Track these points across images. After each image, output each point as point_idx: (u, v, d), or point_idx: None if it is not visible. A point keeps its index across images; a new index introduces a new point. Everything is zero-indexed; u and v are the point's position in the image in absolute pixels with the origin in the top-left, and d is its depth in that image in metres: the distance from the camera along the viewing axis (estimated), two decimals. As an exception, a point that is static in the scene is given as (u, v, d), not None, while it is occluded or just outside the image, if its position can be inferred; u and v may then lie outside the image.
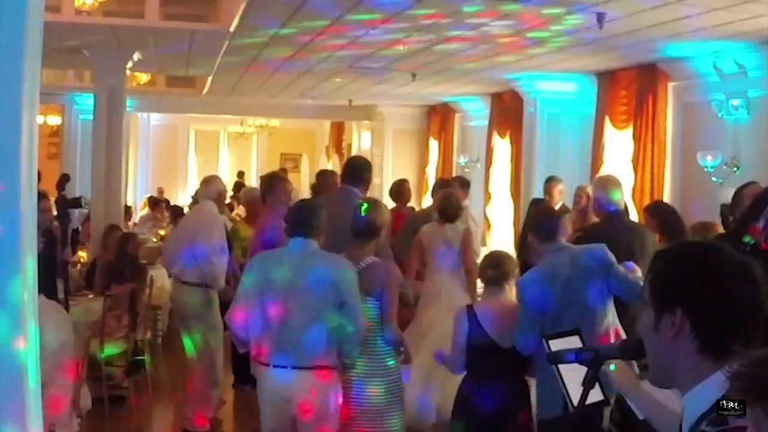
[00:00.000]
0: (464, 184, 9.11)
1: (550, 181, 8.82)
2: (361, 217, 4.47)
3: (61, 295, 7.43)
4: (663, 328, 1.65)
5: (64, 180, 6.26)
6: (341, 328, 4.16)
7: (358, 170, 5.74)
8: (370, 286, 4.33)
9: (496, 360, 4.48)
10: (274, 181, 6.77)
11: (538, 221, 4.77)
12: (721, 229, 5.86)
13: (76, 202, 6.76)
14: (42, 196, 7.02)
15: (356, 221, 4.49)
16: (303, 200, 5.22)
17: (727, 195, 6.59)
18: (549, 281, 4.40)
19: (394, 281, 4.43)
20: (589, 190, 8.29)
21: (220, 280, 6.53)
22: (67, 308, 6.49)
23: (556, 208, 8.47)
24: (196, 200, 8.59)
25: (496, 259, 4.73)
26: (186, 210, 14.89)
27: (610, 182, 5.81)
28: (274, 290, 4.23)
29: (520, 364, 4.51)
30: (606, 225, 5.52)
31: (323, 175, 8.35)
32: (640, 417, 2.41)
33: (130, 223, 13.30)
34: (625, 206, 6.48)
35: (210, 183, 7.03)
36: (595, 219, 6.23)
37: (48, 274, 6.62)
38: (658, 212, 6.13)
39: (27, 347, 2.38)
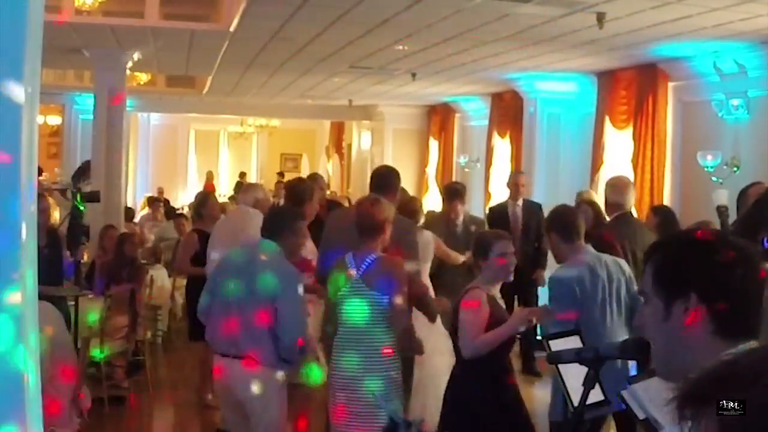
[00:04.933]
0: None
1: (519, 174, 9.17)
2: (363, 215, 4.48)
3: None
4: (674, 316, 1.64)
5: (80, 173, 6.21)
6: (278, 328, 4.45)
7: (385, 178, 5.66)
8: (374, 280, 4.37)
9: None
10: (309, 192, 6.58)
11: (562, 220, 4.72)
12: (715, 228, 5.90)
13: (94, 196, 6.64)
14: (40, 196, 7.00)
15: (358, 219, 4.50)
16: (282, 206, 5.46)
17: (721, 196, 6.63)
18: (586, 280, 4.44)
19: (400, 273, 4.44)
20: (586, 196, 8.39)
21: None
22: (76, 308, 6.46)
23: (520, 201, 8.60)
24: (202, 204, 8.57)
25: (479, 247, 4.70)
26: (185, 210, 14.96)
27: (623, 184, 5.93)
28: (228, 280, 4.65)
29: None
30: (618, 225, 5.57)
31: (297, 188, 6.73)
32: (640, 417, 2.40)
33: (136, 226, 13.16)
34: (597, 208, 6.72)
35: (249, 191, 7.21)
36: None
37: (51, 274, 6.61)
38: (660, 211, 6.40)
39: (27, 348, 2.37)
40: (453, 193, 8.02)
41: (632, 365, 4.34)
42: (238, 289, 4.55)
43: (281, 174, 21.58)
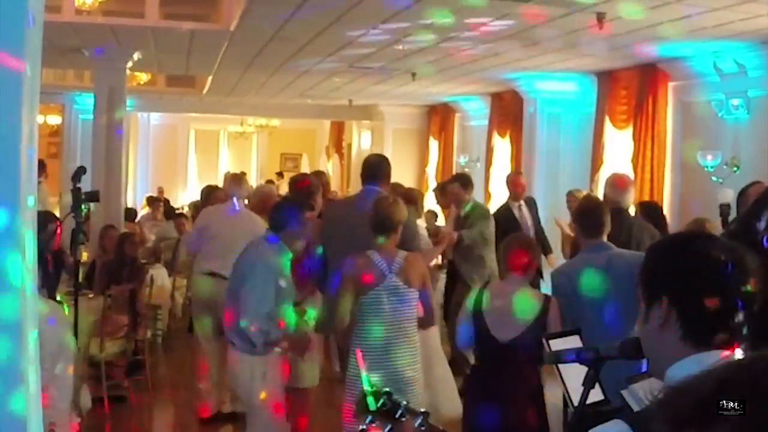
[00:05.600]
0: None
1: (518, 174, 9.10)
2: (383, 215, 4.52)
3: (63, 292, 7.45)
4: (652, 318, 1.66)
5: (80, 172, 6.22)
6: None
7: (375, 167, 5.62)
8: (408, 277, 4.46)
9: (496, 352, 4.41)
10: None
11: (587, 214, 4.68)
12: (716, 226, 5.90)
13: (93, 196, 6.64)
14: (53, 218, 7.03)
15: (377, 218, 4.53)
16: (283, 199, 5.74)
17: (726, 195, 6.62)
18: (582, 276, 4.39)
19: (426, 268, 4.67)
20: (579, 194, 8.38)
21: None
22: (75, 308, 6.45)
23: (521, 201, 8.61)
24: (206, 198, 8.60)
25: (527, 247, 4.62)
26: (185, 209, 14.97)
27: (621, 181, 5.94)
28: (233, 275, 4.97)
29: (527, 360, 4.36)
30: (614, 222, 5.57)
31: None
32: (635, 409, 2.40)
33: (136, 226, 13.09)
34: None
35: (242, 183, 7.39)
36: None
37: (51, 277, 6.63)
38: (644, 206, 6.63)
39: (27, 349, 2.38)
40: (452, 178, 8.12)
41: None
42: (235, 280, 4.79)
43: (280, 174, 21.56)
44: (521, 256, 4.49)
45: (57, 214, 9.28)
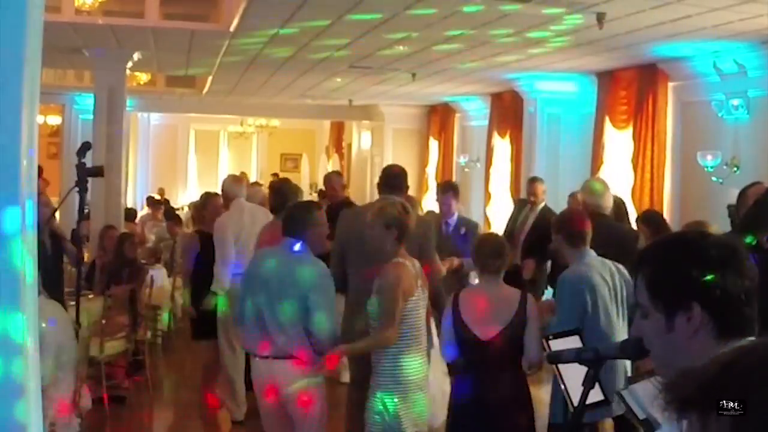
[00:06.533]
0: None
1: (534, 182, 8.92)
2: (403, 222, 4.45)
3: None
4: (678, 327, 1.62)
5: (84, 148, 6.15)
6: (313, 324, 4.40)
7: (396, 178, 5.60)
8: (425, 280, 4.49)
9: (480, 353, 4.40)
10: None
11: (570, 226, 4.68)
12: (714, 229, 5.90)
13: (98, 171, 6.55)
14: (39, 191, 7.03)
15: (406, 229, 4.49)
16: (297, 202, 5.58)
17: (733, 196, 6.62)
18: (595, 283, 4.47)
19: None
20: (580, 195, 8.30)
21: None
22: (77, 308, 6.46)
23: (539, 208, 8.55)
24: (203, 205, 8.61)
25: (498, 248, 4.57)
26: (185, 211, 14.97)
27: (599, 185, 5.97)
28: (257, 284, 4.56)
29: (513, 358, 4.42)
30: (595, 227, 5.58)
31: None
32: (640, 417, 2.40)
33: (137, 227, 13.04)
34: (622, 207, 6.75)
35: (242, 184, 7.48)
36: None
37: (52, 275, 6.63)
38: (651, 220, 6.41)
39: (27, 349, 2.38)
40: (446, 187, 7.80)
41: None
42: (271, 291, 4.47)
43: (276, 175, 21.53)
44: (492, 256, 4.47)
45: (57, 215, 9.25)
